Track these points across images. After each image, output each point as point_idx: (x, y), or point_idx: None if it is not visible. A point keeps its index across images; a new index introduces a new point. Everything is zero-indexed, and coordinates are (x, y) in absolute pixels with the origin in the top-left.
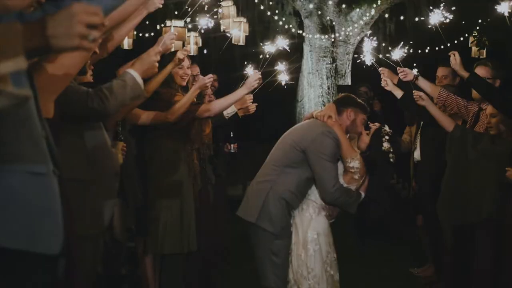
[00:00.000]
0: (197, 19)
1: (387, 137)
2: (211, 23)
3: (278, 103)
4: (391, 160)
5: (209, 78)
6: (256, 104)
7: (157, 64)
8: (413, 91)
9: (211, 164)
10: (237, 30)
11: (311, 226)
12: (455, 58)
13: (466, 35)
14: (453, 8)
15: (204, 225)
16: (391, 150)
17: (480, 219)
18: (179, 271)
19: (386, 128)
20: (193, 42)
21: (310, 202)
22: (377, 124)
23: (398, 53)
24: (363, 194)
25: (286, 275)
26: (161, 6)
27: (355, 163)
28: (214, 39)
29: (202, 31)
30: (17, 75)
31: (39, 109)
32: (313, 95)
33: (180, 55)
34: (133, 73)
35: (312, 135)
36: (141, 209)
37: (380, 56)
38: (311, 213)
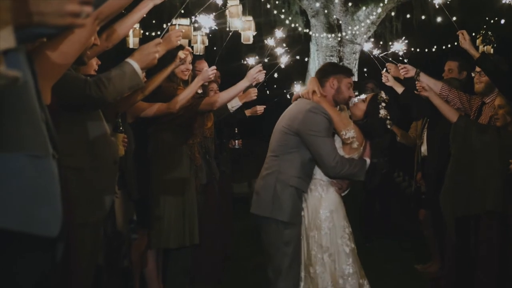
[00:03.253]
0: (201, 15)
1: (383, 104)
2: (214, 22)
3: (284, 101)
4: (389, 126)
5: (212, 70)
6: (264, 106)
7: (157, 56)
8: (416, 82)
9: (215, 160)
10: (247, 29)
11: (322, 205)
12: (464, 37)
13: (473, 33)
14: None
15: (208, 220)
16: (388, 117)
17: (484, 211)
18: (184, 265)
19: (383, 94)
20: (200, 41)
21: (317, 181)
22: (373, 89)
23: (398, 47)
24: (368, 160)
25: (299, 264)
26: None
27: (350, 133)
28: (221, 37)
29: (208, 31)
30: (13, 57)
31: (39, 92)
32: None
33: (181, 54)
34: (132, 63)
35: (301, 116)
36: (141, 201)
37: (380, 54)
38: (320, 192)
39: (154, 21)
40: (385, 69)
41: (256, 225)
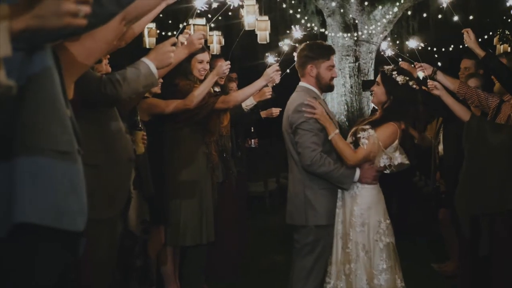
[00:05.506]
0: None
1: (394, 73)
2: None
3: None
4: (414, 86)
5: (226, 65)
6: (280, 109)
7: (172, 55)
8: (428, 81)
9: (233, 158)
10: (262, 29)
11: (357, 203)
12: (469, 36)
13: (491, 33)
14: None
15: (225, 218)
16: (408, 78)
17: (503, 209)
18: (200, 263)
19: (386, 67)
20: (216, 41)
21: None
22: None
23: (413, 44)
24: (357, 173)
25: (322, 267)
26: None
27: (384, 160)
28: (237, 37)
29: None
30: (40, 54)
31: (64, 89)
32: (336, 94)
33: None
34: (148, 62)
35: (293, 117)
36: (155, 199)
37: (393, 50)
38: (354, 190)
39: (170, 21)
40: None
41: (290, 228)
